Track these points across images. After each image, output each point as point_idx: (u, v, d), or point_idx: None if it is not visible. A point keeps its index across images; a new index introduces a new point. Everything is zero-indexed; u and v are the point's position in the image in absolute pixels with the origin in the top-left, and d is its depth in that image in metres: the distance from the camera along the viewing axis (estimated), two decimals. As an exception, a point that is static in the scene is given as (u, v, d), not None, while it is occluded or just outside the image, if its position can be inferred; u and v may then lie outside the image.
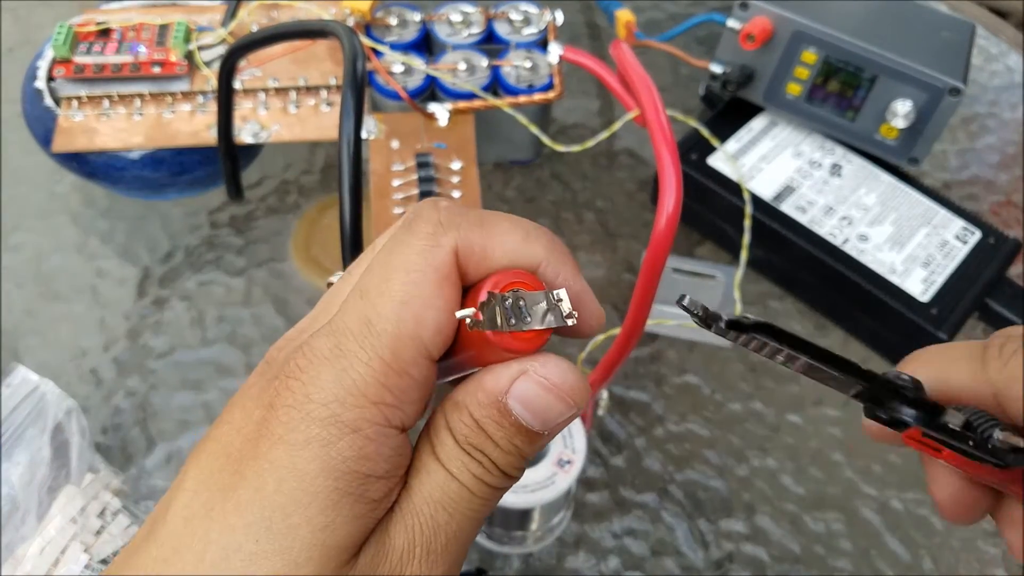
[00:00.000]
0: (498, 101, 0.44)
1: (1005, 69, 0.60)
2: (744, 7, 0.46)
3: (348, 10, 0.46)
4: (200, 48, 0.45)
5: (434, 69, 0.45)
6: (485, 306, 0.16)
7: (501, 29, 0.47)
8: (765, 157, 0.48)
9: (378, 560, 0.16)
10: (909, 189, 0.47)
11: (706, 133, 0.48)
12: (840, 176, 0.47)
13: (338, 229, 0.31)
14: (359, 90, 0.33)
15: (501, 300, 0.16)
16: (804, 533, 0.40)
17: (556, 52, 0.45)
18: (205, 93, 0.44)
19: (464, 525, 0.17)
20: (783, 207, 0.46)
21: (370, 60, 0.44)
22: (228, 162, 0.44)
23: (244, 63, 0.44)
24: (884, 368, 0.19)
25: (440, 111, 0.44)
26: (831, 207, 0.46)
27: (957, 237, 0.45)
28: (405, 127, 0.44)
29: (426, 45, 0.47)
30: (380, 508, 0.16)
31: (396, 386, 0.16)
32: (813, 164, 0.48)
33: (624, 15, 0.50)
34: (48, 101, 0.44)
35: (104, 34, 0.45)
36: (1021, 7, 0.68)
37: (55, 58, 0.44)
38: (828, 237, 0.45)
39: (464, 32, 0.46)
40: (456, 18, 0.47)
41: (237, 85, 0.44)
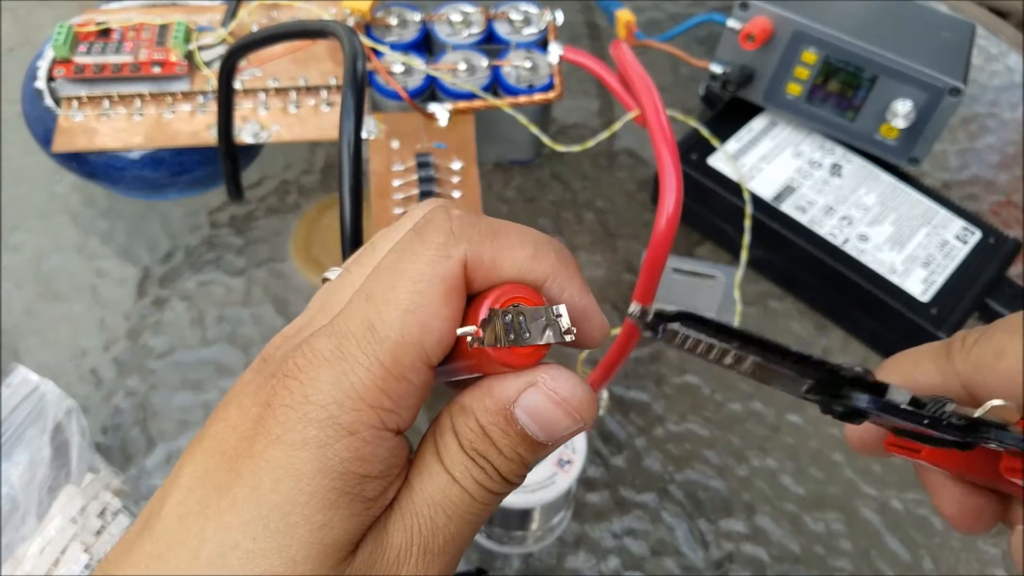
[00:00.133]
0: (498, 101, 0.44)
1: (1005, 69, 0.60)
2: (744, 7, 0.46)
3: (348, 10, 0.46)
4: (200, 48, 0.45)
5: (434, 69, 0.45)
6: (486, 323, 0.16)
7: (501, 29, 0.47)
8: (765, 157, 0.48)
9: (375, 558, 0.16)
10: (909, 189, 0.47)
11: (706, 133, 0.48)
12: (840, 176, 0.47)
13: (338, 229, 0.31)
14: (359, 90, 0.33)
15: (501, 316, 0.16)
16: (804, 533, 0.40)
17: (556, 52, 0.45)
18: (205, 93, 0.44)
19: (463, 528, 0.17)
20: (783, 207, 0.46)
21: (370, 60, 0.44)
22: (228, 162, 0.44)
23: (244, 63, 0.44)
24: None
25: (440, 111, 0.44)
26: (831, 207, 0.46)
27: (957, 237, 0.45)
28: (405, 127, 0.44)
29: (426, 45, 0.47)
30: (377, 506, 0.16)
31: (394, 391, 0.16)
32: (813, 164, 0.48)
33: (624, 15, 0.50)
34: (48, 101, 0.44)
35: (104, 34, 0.45)
36: (1021, 7, 0.68)
37: (55, 58, 0.44)
38: (828, 237, 0.45)
39: (464, 32, 0.46)
40: (456, 18, 0.47)
41: (237, 85, 0.44)
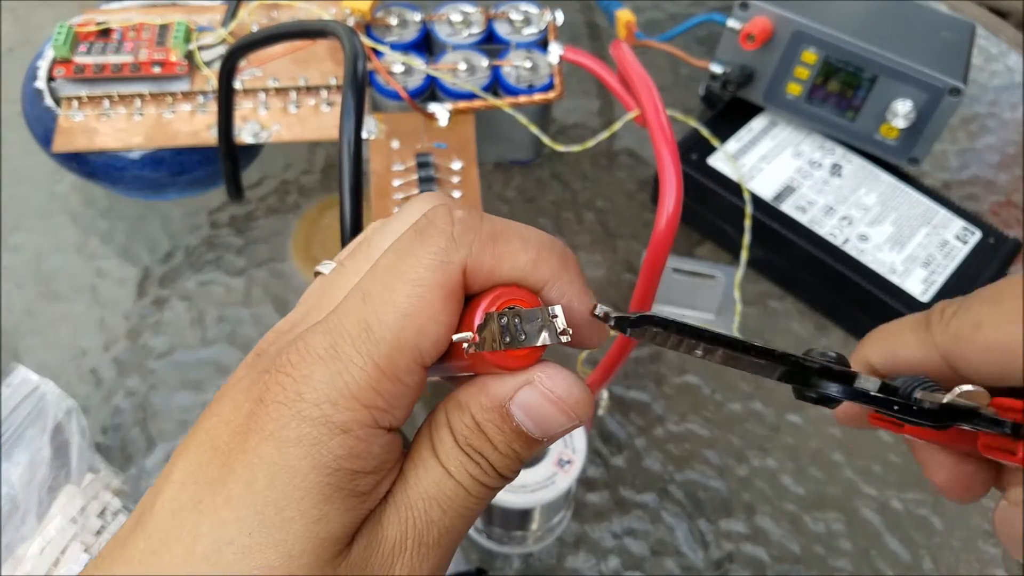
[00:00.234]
0: (498, 101, 0.44)
1: (1005, 69, 0.60)
2: (744, 7, 0.46)
3: (348, 10, 0.46)
4: (200, 48, 0.45)
5: (434, 69, 0.45)
6: (482, 328, 0.16)
7: (501, 29, 0.47)
8: (765, 157, 0.48)
9: (371, 551, 0.17)
10: (909, 189, 0.47)
11: (706, 133, 0.48)
12: (840, 176, 0.47)
13: (338, 229, 0.31)
14: (359, 90, 0.33)
15: (497, 318, 0.16)
16: (804, 533, 0.40)
17: (556, 52, 0.45)
18: (205, 93, 0.44)
19: (457, 522, 0.17)
20: (783, 207, 0.46)
21: (370, 60, 0.44)
22: (228, 162, 0.44)
23: (244, 63, 0.44)
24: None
25: (440, 111, 0.44)
26: (831, 207, 0.46)
27: (957, 237, 0.45)
28: (405, 127, 0.44)
29: (426, 45, 0.47)
30: (371, 500, 0.17)
31: (388, 392, 0.16)
32: (813, 164, 0.48)
33: (624, 15, 0.50)
34: (48, 101, 0.44)
35: (104, 34, 0.45)
36: (1021, 7, 0.68)
37: (55, 58, 0.44)
38: (828, 237, 0.45)
39: (464, 32, 0.46)
40: (456, 18, 0.47)
41: (237, 85, 0.44)
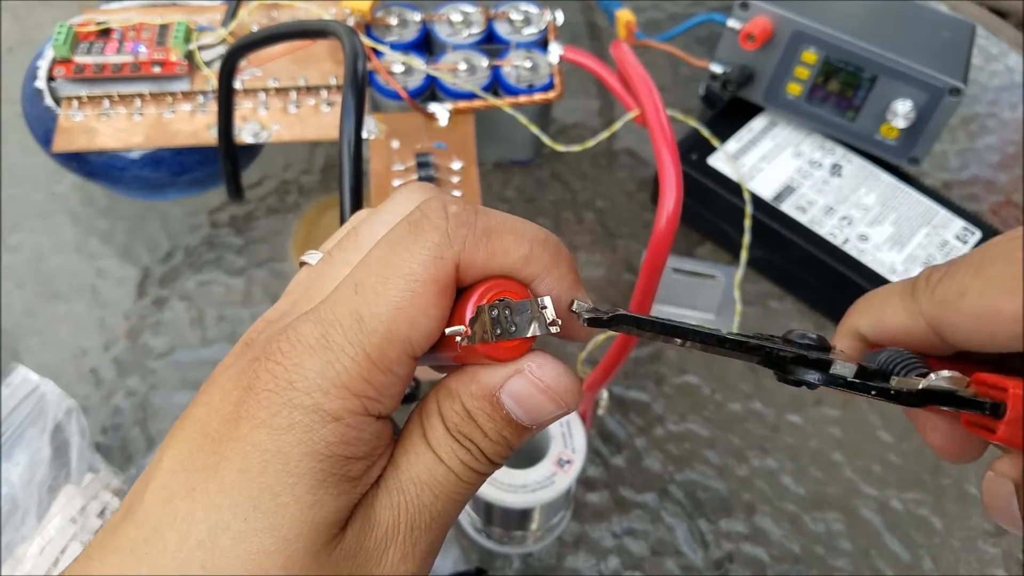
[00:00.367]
0: (498, 101, 0.44)
1: (1005, 69, 0.60)
2: (744, 7, 0.46)
3: (348, 10, 0.46)
4: (200, 48, 0.45)
5: (434, 69, 0.45)
6: (473, 321, 0.17)
7: (501, 29, 0.47)
8: (765, 157, 0.48)
9: (364, 535, 0.17)
10: (909, 189, 0.47)
11: (706, 133, 0.48)
12: (840, 176, 0.47)
13: (338, 229, 0.31)
14: (360, 90, 0.33)
15: (488, 311, 0.17)
16: (804, 533, 0.40)
17: (556, 52, 0.45)
18: (205, 93, 0.44)
19: (448, 506, 0.18)
20: (783, 207, 0.46)
21: (370, 60, 0.44)
22: (228, 162, 0.44)
23: (244, 63, 0.44)
24: None
25: (440, 111, 0.44)
26: (831, 207, 0.46)
27: (957, 237, 0.45)
28: (405, 127, 0.44)
29: (426, 45, 0.47)
30: (362, 484, 0.17)
31: (379, 382, 0.16)
32: (813, 164, 0.48)
33: (624, 15, 0.50)
34: (48, 101, 0.44)
35: (104, 34, 0.45)
36: (1021, 7, 0.68)
37: (55, 58, 0.44)
38: (828, 237, 0.45)
39: (464, 32, 0.46)
40: (456, 18, 0.47)
41: (237, 85, 0.44)
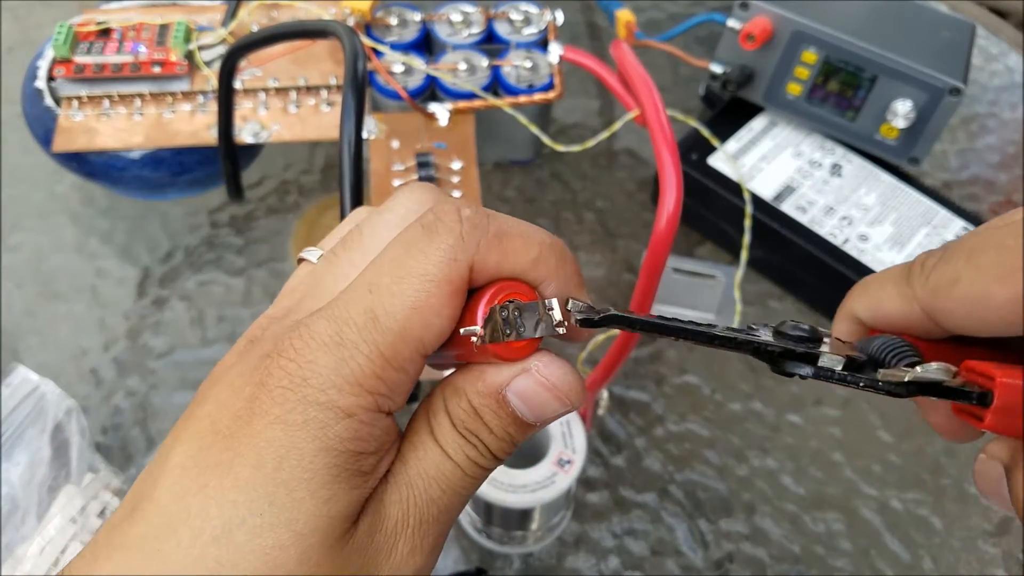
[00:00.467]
0: (498, 101, 0.44)
1: (1005, 69, 0.60)
2: (744, 7, 0.46)
3: (348, 10, 0.46)
4: (200, 48, 0.45)
5: (434, 69, 0.45)
6: (486, 322, 0.17)
7: (501, 29, 0.47)
8: (765, 157, 0.48)
9: (375, 528, 0.17)
10: (909, 189, 0.47)
11: (706, 133, 0.48)
12: (840, 176, 0.47)
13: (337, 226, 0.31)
14: (360, 90, 0.33)
15: (499, 312, 0.17)
16: (804, 533, 0.40)
17: (556, 52, 0.45)
18: (205, 93, 0.44)
19: (454, 500, 0.18)
20: (783, 207, 0.46)
21: (370, 60, 0.44)
22: (228, 162, 0.44)
23: (244, 63, 0.44)
24: None
25: (440, 111, 0.44)
26: (831, 207, 0.46)
27: (957, 237, 0.45)
28: (405, 127, 0.44)
29: (426, 45, 0.47)
30: (372, 479, 0.17)
31: (391, 379, 0.17)
32: (813, 164, 0.48)
33: (624, 15, 0.50)
34: (48, 101, 0.44)
35: (104, 34, 0.45)
36: (1021, 7, 0.68)
37: (55, 58, 0.44)
38: (828, 237, 0.45)
39: (464, 32, 0.46)
40: (456, 18, 0.47)
41: (237, 85, 0.44)
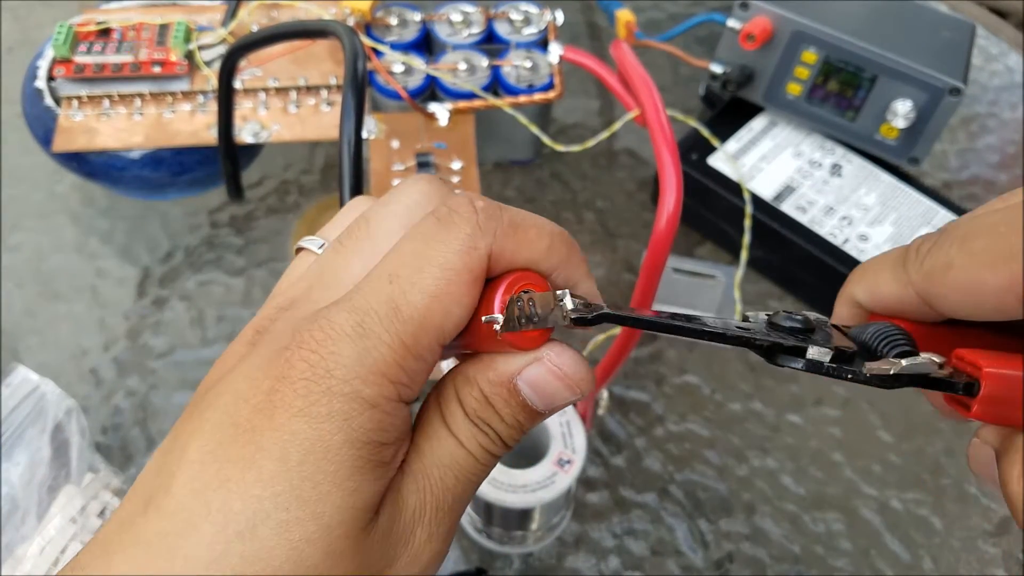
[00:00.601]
0: (498, 101, 0.44)
1: (1005, 69, 0.60)
2: (744, 7, 0.46)
3: (348, 10, 0.46)
4: (200, 48, 0.45)
5: (434, 69, 0.45)
6: (506, 310, 0.17)
7: (501, 29, 0.47)
8: (765, 157, 0.48)
9: (394, 518, 0.18)
10: (909, 189, 0.47)
11: (706, 133, 0.48)
12: (840, 176, 0.47)
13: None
14: (360, 90, 0.33)
15: (515, 302, 0.17)
16: (804, 533, 0.40)
17: (556, 52, 0.45)
18: (205, 93, 0.44)
19: (467, 488, 0.19)
20: (783, 207, 0.46)
21: (370, 60, 0.44)
22: (228, 162, 0.44)
23: (244, 63, 0.44)
24: None
25: (440, 111, 0.44)
26: (831, 207, 0.46)
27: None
28: (405, 127, 0.44)
29: (426, 45, 0.47)
30: (392, 468, 0.18)
31: (412, 368, 0.17)
32: (813, 164, 0.48)
33: (624, 15, 0.50)
34: (48, 101, 0.44)
35: (104, 34, 0.45)
36: (1021, 7, 0.68)
37: (55, 58, 0.44)
38: (828, 237, 0.45)
39: (464, 32, 0.46)
40: (456, 18, 0.47)
41: (237, 85, 0.44)
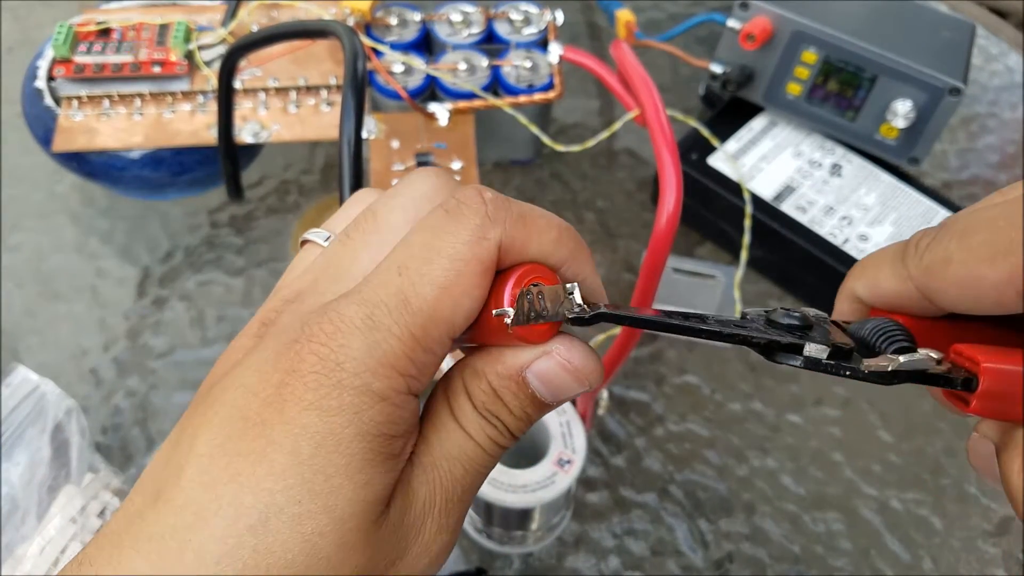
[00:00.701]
0: (498, 101, 0.44)
1: (1005, 69, 0.60)
2: (744, 7, 0.46)
3: (348, 10, 0.46)
4: (200, 48, 0.45)
5: (434, 69, 0.45)
6: (516, 303, 0.17)
7: (501, 29, 0.47)
8: (765, 157, 0.48)
9: (405, 510, 0.18)
10: (909, 189, 0.47)
11: (706, 133, 0.48)
12: (840, 176, 0.47)
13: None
14: (359, 90, 0.33)
15: (524, 295, 0.17)
16: (804, 533, 0.40)
17: (556, 52, 0.45)
18: (205, 93, 0.44)
19: (476, 479, 0.19)
20: (783, 207, 0.46)
21: (370, 60, 0.44)
22: (228, 162, 0.44)
23: (244, 63, 0.44)
24: None
25: (440, 111, 0.44)
26: (831, 207, 0.46)
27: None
28: (405, 127, 0.44)
29: (426, 45, 0.47)
30: (401, 461, 0.18)
31: (421, 361, 0.17)
32: (813, 164, 0.48)
33: (624, 15, 0.50)
34: (48, 101, 0.44)
35: (104, 34, 0.45)
36: (1021, 7, 0.68)
37: (55, 58, 0.44)
38: (828, 237, 0.45)
39: (464, 32, 0.46)
40: (456, 18, 0.47)
41: (237, 85, 0.44)
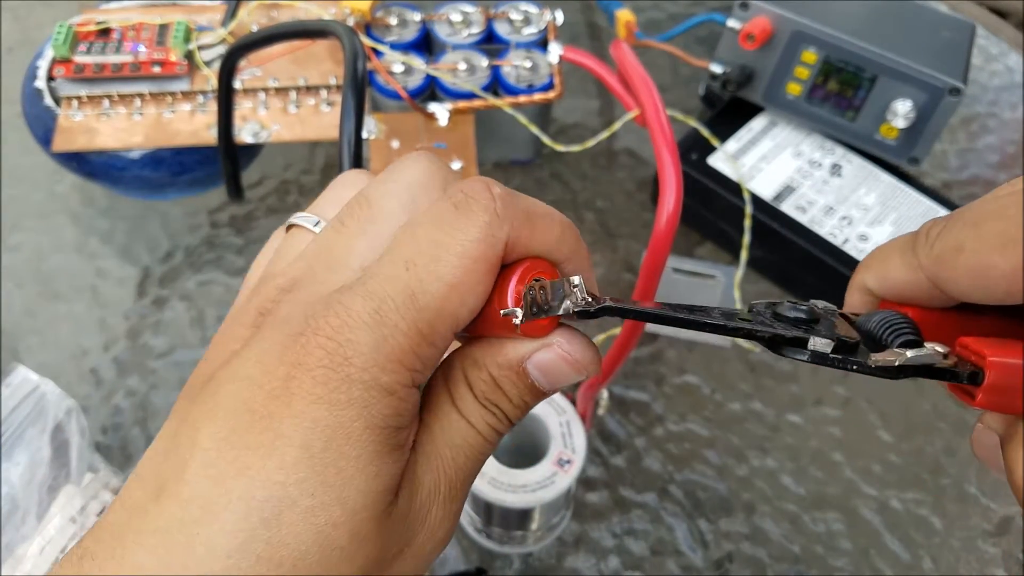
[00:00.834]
0: (498, 101, 0.44)
1: (1005, 69, 0.60)
2: (744, 7, 0.46)
3: (348, 10, 0.46)
4: (200, 48, 0.45)
5: (434, 69, 0.45)
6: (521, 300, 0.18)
7: (501, 29, 0.47)
8: (765, 157, 0.48)
9: (411, 499, 0.18)
10: (909, 189, 0.47)
11: (706, 133, 0.48)
12: (840, 176, 0.47)
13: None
14: (359, 90, 0.33)
15: (528, 291, 0.17)
16: (804, 533, 0.40)
17: (556, 52, 0.45)
18: (205, 93, 0.44)
19: (476, 465, 0.19)
20: (783, 207, 0.46)
21: (370, 60, 0.44)
22: (228, 162, 0.44)
23: (244, 63, 0.44)
24: None
25: (440, 111, 0.44)
26: (831, 207, 0.46)
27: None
28: (405, 127, 0.44)
29: (426, 45, 0.47)
30: (407, 451, 0.18)
31: (426, 355, 0.17)
32: (813, 164, 0.48)
33: (624, 15, 0.50)
34: (48, 101, 0.44)
35: (104, 34, 0.45)
36: (1021, 7, 0.68)
37: (55, 58, 0.44)
38: (828, 237, 0.45)
39: (464, 32, 0.46)
40: (456, 18, 0.47)
41: (237, 85, 0.44)
